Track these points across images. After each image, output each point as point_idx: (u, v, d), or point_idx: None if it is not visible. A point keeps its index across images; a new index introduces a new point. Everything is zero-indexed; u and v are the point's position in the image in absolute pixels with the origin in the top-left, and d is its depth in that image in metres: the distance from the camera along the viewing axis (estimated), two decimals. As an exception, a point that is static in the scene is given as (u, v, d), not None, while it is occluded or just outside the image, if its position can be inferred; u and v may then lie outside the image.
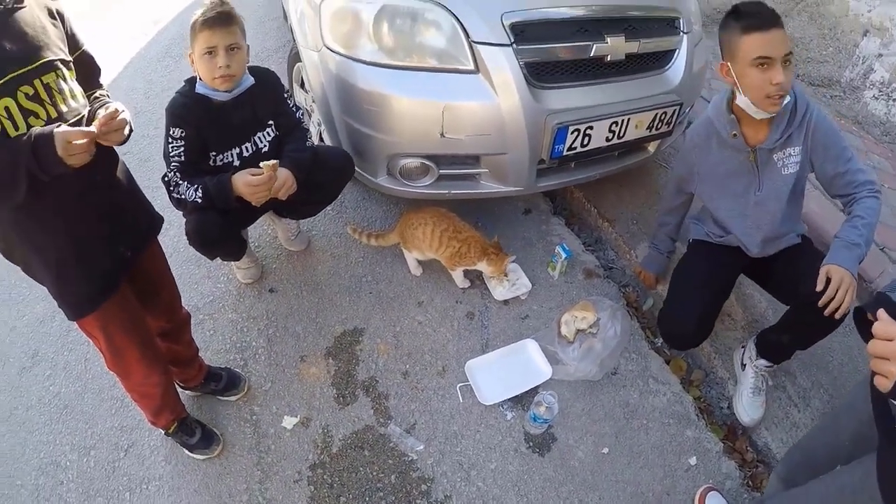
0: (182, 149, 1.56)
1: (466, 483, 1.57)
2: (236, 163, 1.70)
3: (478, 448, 1.64)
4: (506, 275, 2.00)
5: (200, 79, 1.57)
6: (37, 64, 1.08)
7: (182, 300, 1.64)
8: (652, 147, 2.21)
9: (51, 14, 1.16)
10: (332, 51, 1.81)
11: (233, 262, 2.07)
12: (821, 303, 1.26)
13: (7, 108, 1.02)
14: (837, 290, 1.25)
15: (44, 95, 1.08)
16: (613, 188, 2.47)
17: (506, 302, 2.02)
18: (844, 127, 3.02)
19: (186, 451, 1.66)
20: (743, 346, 1.81)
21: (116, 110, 1.11)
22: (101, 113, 1.11)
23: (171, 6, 4.15)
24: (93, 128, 1.07)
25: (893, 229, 2.28)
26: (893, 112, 3.08)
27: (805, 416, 1.74)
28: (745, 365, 1.76)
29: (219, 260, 2.08)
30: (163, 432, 1.67)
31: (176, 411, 1.64)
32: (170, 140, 1.56)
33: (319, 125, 2.26)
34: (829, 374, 1.85)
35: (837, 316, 1.27)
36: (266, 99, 1.69)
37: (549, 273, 2.13)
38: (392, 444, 1.64)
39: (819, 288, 1.26)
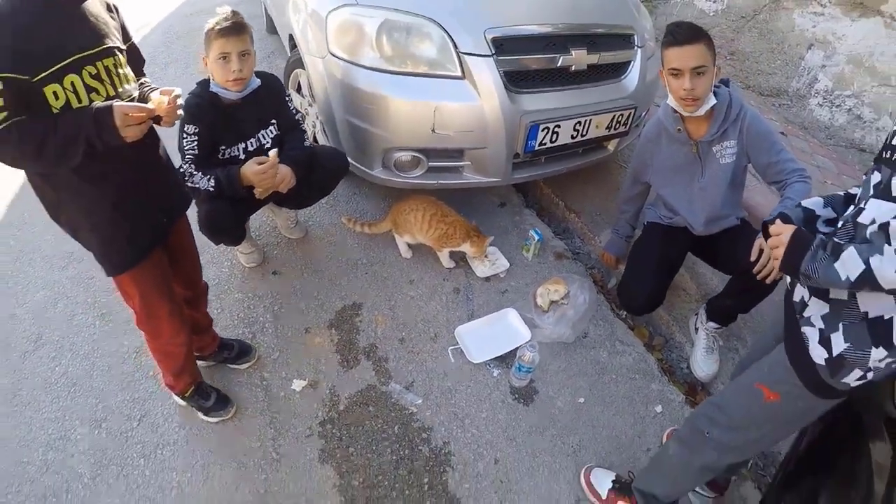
0: (195, 143, 1.79)
1: (462, 430, 1.81)
2: (242, 156, 1.94)
3: (470, 400, 1.89)
4: (486, 255, 2.31)
5: (213, 80, 1.80)
6: (99, 48, 1.27)
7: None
8: (611, 146, 2.56)
9: (108, 7, 1.36)
10: (336, 57, 2.10)
11: (236, 248, 2.30)
12: (755, 270, 1.44)
13: (73, 83, 1.20)
14: (769, 260, 1.45)
15: (104, 76, 1.27)
16: (579, 184, 2.81)
17: (487, 279, 2.32)
18: (791, 132, 3.47)
19: (201, 415, 1.84)
20: (696, 314, 2.14)
21: (178, 94, 1.35)
22: (155, 95, 1.33)
23: (153, 14, 4.34)
24: (151, 105, 1.28)
25: None
26: (836, 118, 3.57)
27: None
28: (697, 329, 2.08)
29: (222, 246, 2.28)
30: (179, 398, 1.84)
31: (194, 375, 1.82)
32: (184, 136, 1.79)
33: (314, 126, 2.54)
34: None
35: (769, 281, 1.43)
36: (270, 100, 1.94)
37: (523, 255, 2.44)
38: (393, 399, 1.88)
39: (752, 258, 1.44)
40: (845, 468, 1.22)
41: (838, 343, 1.01)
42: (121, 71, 1.32)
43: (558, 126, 2.17)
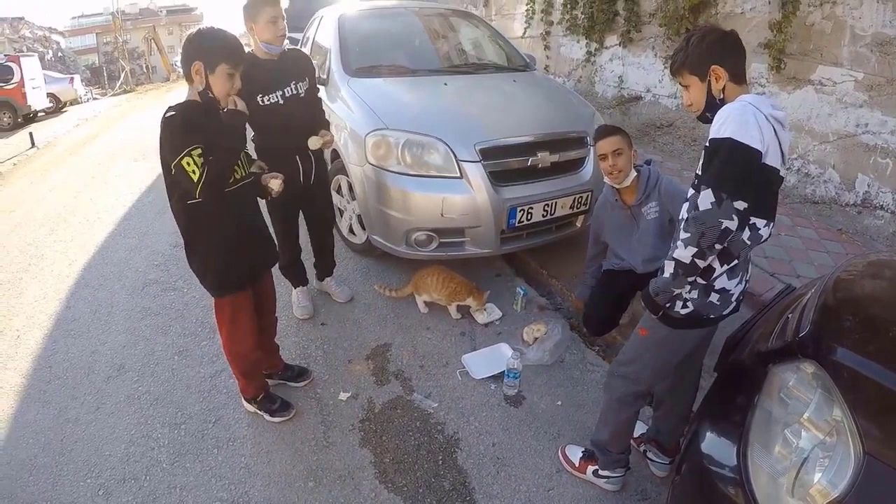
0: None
1: (467, 424, 2.48)
2: (281, 102, 2.67)
3: (473, 405, 2.60)
4: (485, 308, 3.18)
5: (259, 42, 2.59)
6: None
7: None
8: (579, 222, 3.49)
9: None
10: (371, 164, 3.14)
11: (293, 301, 3.24)
12: None
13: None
14: None
15: (241, 162, 2.06)
16: (556, 255, 3.70)
17: (486, 325, 3.15)
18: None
19: (267, 416, 2.49)
20: None
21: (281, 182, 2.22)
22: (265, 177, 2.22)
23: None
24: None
25: (780, 261, 3.52)
26: (788, 179, 4.37)
27: (706, 382, 2.17)
28: None
29: (285, 305, 3.19)
30: (249, 404, 2.52)
31: (263, 385, 2.52)
32: None
33: (350, 219, 3.59)
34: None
35: None
36: (299, 63, 2.79)
37: (513, 308, 3.29)
38: (416, 404, 2.59)
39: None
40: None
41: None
42: (244, 162, 2.13)
43: (531, 208, 3.13)
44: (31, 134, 10.92)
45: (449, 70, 4.18)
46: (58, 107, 16.80)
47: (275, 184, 2.23)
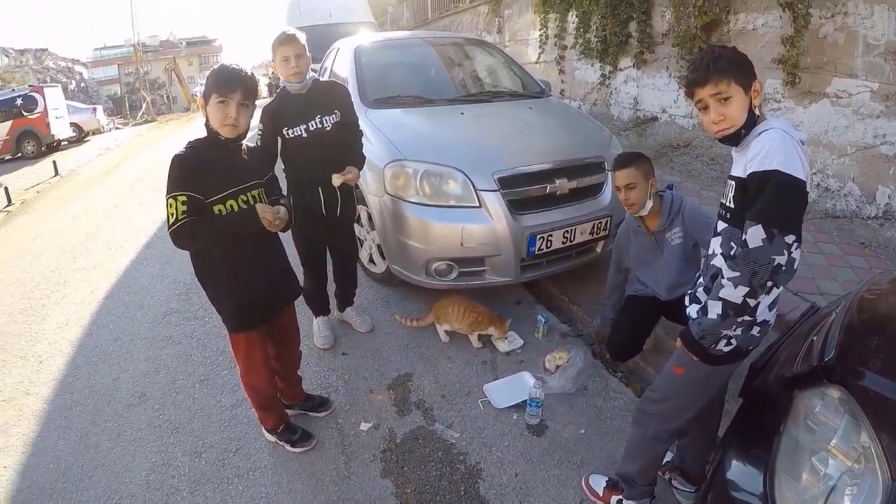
0: (259, 136, 2.75)
1: (489, 454, 2.47)
2: (304, 135, 2.75)
3: (495, 435, 2.60)
4: (506, 336, 3.20)
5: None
6: (250, 182, 2.08)
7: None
8: (599, 248, 3.52)
9: (251, 151, 2.19)
10: (390, 195, 3.22)
11: (314, 330, 3.31)
12: None
13: (231, 205, 2.00)
14: None
15: (251, 201, 2.06)
16: (577, 281, 3.73)
17: (507, 354, 3.17)
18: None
19: (288, 447, 2.52)
20: None
21: (285, 212, 2.13)
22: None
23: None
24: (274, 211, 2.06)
25: (803, 279, 3.50)
26: (808, 195, 4.43)
27: (731, 407, 2.18)
28: None
29: (305, 336, 3.25)
30: (269, 434, 2.55)
31: (283, 417, 2.55)
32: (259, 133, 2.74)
33: (370, 249, 3.68)
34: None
35: None
36: (329, 96, 2.85)
37: (535, 336, 3.31)
38: (437, 434, 2.59)
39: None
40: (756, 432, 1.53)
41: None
42: (263, 197, 2.15)
43: (551, 235, 3.17)
44: (54, 162, 11.29)
45: (465, 99, 4.28)
46: (81, 136, 17.45)
47: (267, 215, 2.08)
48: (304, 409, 2.78)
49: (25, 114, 14.42)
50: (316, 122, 2.79)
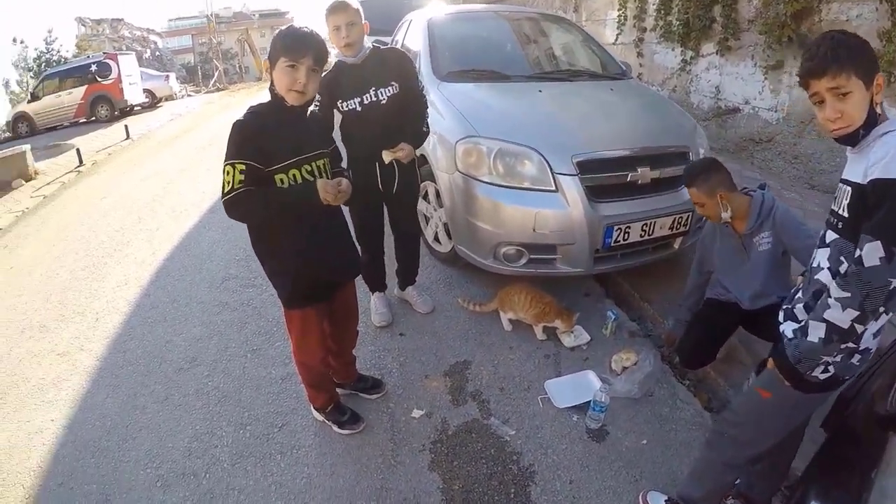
0: (317, 107, 2.51)
1: (545, 456, 2.31)
2: (358, 109, 2.63)
3: (553, 436, 2.44)
4: (572, 330, 3.01)
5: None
6: (315, 152, 1.95)
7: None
8: (676, 244, 3.26)
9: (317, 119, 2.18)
10: (461, 172, 3.04)
11: (371, 307, 3.20)
12: None
13: (294, 175, 1.87)
14: None
15: (316, 172, 1.93)
16: (650, 277, 3.48)
17: (572, 349, 2.97)
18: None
19: (336, 428, 2.44)
20: (748, 378, 2.59)
21: (347, 185, 1.93)
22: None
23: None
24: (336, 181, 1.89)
25: None
26: None
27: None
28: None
29: (362, 313, 3.13)
30: (318, 413, 2.47)
31: (332, 395, 2.46)
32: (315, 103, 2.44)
33: (436, 227, 3.52)
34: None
35: None
36: (386, 67, 2.65)
37: (602, 333, 3.10)
38: (492, 430, 2.45)
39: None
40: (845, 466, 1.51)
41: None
42: (328, 168, 2.02)
43: (629, 227, 2.94)
44: (126, 126, 11.65)
45: (543, 76, 4.06)
46: (153, 102, 18.06)
47: (328, 191, 1.90)
48: (356, 389, 2.68)
49: (100, 80, 14.92)
50: (370, 96, 2.65)
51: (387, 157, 2.64)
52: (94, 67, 15.08)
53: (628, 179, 2.99)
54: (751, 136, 5.86)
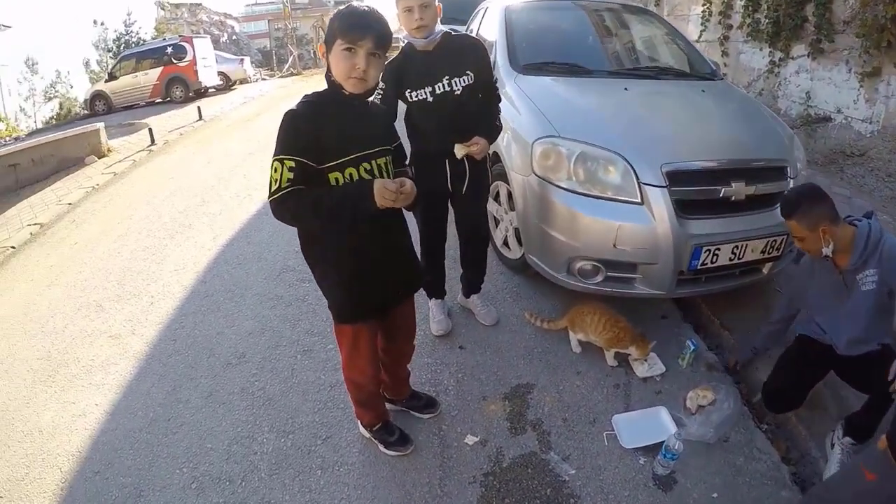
0: (380, 96, 2.28)
1: (605, 503, 2.07)
2: (429, 99, 2.39)
3: (616, 480, 2.17)
4: (647, 359, 2.70)
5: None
6: (376, 149, 1.71)
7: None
8: (766, 269, 2.89)
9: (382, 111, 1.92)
10: (537, 175, 2.77)
11: (430, 314, 2.98)
12: (891, 389, 1.67)
13: (350, 174, 1.64)
14: None
15: (376, 172, 1.69)
16: (733, 304, 3.12)
17: (644, 380, 2.67)
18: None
19: (382, 448, 2.25)
20: (833, 430, 2.28)
21: (410, 186, 1.66)
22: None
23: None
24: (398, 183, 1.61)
25: None
26: None
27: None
28: (833, 444, 2.22)
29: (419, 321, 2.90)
30: (365, 430, 2.28)
31: (381, 414, 2.26)
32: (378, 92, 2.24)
33: (506, 231, 3.27)
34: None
35: None
36: (461, 55, 2.41)
37: (678, 363, 2.77)
38: (550, 466, 2.20)
39: (889, 378, 1.66)
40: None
41: None
42: (390, 168, 1.77)
43: (718, 249, 2.59)
44: (199, 108, 11.88)
45: (628, 73, 3.72)
46: (227, 85, 18.41)
47: (386, 194, 1.61)
48: (408, 406, 2.48)
49: (175, 61, 15.29)
50: (443, 85, 2.40)
51: (460, 151, 2.40)
52: (169, 49, 15.45)
53: (721, 195, 2.63)
54: (841, 149, 5.34)
